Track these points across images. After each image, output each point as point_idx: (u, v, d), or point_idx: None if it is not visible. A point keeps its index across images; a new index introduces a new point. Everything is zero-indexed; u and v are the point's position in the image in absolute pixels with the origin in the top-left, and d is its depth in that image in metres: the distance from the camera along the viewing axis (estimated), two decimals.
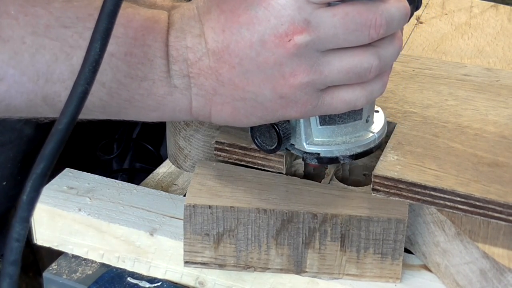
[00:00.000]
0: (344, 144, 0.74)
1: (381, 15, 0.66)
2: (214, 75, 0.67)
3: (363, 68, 0.67)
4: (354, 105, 0.70)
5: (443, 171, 0.74)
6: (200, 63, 0.67)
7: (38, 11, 0.65)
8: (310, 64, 0.66)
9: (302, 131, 0.74)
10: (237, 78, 0.67)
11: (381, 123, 0.77)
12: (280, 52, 0.65)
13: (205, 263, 0.75)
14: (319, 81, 0.67)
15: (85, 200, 0.83)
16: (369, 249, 0.74)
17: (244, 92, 0.68)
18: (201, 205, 0.73)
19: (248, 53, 0.66)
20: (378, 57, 0.67)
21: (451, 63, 0.93)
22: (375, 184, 0.74)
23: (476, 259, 0.70)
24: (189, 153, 0.85)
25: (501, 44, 1.03)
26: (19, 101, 0.66)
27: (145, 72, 0.67)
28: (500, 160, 0.76)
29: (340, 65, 0.67)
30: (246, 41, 0.66)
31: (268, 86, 0.67)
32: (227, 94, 0.68)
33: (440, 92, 0.87)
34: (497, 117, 0.83)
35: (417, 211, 0.75)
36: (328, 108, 0.69)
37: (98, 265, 0.82)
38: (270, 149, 0.75)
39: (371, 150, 0.76)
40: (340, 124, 0.74)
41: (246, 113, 0.69)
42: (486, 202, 0.71)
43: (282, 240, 0.74)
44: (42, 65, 0.65)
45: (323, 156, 0.74)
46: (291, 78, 0.66)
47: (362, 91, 0.69)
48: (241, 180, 0.76)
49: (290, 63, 0.66)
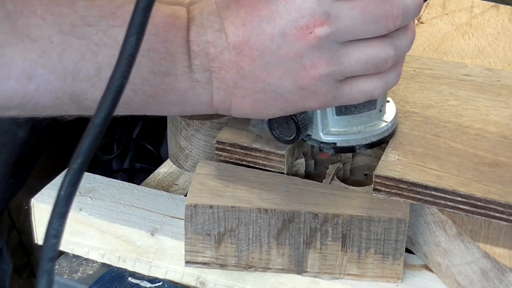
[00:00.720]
0: (360, 133, 0.76)
1: (398, 7, 0.67)
2: (235, 68, 0.69)
3: (381, 59, 0.69)
4: (371, 95, 0.71)
5: (444, 171, 0.74)
6: (221, 57, 0.69)
7: (64, 11, 0.65)
8: (330, 56, 0.68)
9: (319, 121, 0.75)
10: (258, 70, 0.68)
11: (393, 113, 0.79)
12: (301, 45, 0.67)
13: (206, 263, 0.75)
14: (339, 72, 0.69)
15: (86, 200, 0.83)
16: (370, 249, 0.74)
17: (265, 84, 0.69)
18: (202, 205, 0.73)
19: (269, 46, 0.67)
20: (394, 48, 0.69)
21: (452, 63, 0.93)
22: (376, 184, 0.74)
23: (477, 259, 0.70)
24: (190, 153, 0.85)
25: (502, 44, 1.03)
26: (47, 99, 0.67)
27: (168, 67, 0.68)
28: (501, 160, 0.76)
29: (358, 56, 0.68)
30: (267, 34, 0.67)
31: (288, 78, 0.68)
32: (248, 87, 0.70)
33: (441, 92, 0.87)
34: (498, 117, 0.83)
35: (418, 211, 0.75)
36: (347, 98, 0.71)
37: (99, 265, 0.82)
38: (288, 139, 0.76)
39: (385, 139, 0.77)
40: (356, 114, 0.75)
41: (266, 105, 0.71)
42: (487, 202, 0.71)
43: (283, 240, 0.74)
44: (69, 63, 0.66)
45: (339, 146, 0.76)
46: (312, 69, 0.68)
47: (379, 81, 0.71)
48: (242, 180, 0.76)
49: (310, 55, 0.67)
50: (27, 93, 0.66)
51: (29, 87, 0.65)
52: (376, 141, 0.76)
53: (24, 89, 0.65)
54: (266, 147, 0.77)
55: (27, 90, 0.65)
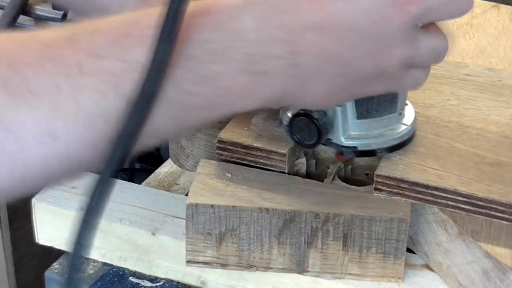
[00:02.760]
0: (381, 137, 0.75)
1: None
2: (319, 50, 0.62)
3: (445, 50, 0.68)
4: (419, 86, 0.69)
5: (445, 170, 0.74)
6: (302, 40, 0.61)
7: (64, 52, 0.57)
8: (412, 39, 0.65)
9: (340, 125, 0.74)
10: (345, 51, 0.62)
11: (412, 116, 0.78)
12: (396, 22, 0.63)
13: (207, 263, 0.75)
14: (413, 57, 0.66)
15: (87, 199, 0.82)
16: (372, 249, 0.73)
17: (347, 67, 0.64)
18: (203, 205, 0.73)
19: (363, 23, 0.62)
20: (447, 41, 0.68)
21: (453, 63, 0.93)
22: (378, 183, 0.74)
23: (479, 259, 0.70)
24: (191, 152, 0.84)
25: (502, 44, 1.03)
26: (87, 153, 0.58)
27: (219, 69, 0.59)
28: (502, 160, 0.76)
29: (431, 44, 0.66)
30: (363, 11, 0.62)
31: (373, 59, 0.64)
32: (329, 70, 0.63)
33: (442, 92, 0.87)
34: (499, 117, 0.83)
35: (420, 210, 0.75)
36: (404, 86, 0.69)
37: (99, 265, 0.82)
38: (309, 144, 0.75)
39: (405, 142, 0.77)
40: (376, 117, 0.75)
41: (341, 90, 0.65)
42: (489, 202, 0.71)
43: (284, 240, 0.74)
44: (92, 107, 0.56)
45: (360, 150, 0.75)
46: (396, 51, 0.64)
47: (428, 73, 0.69)
48: (243, 179, 0.76)
49: (400, 35, 0.63)
50: (61, 155, 0.57)
51: (58, 147, 0.56)
52: (396, 145, 0.76)
53: (52, 151, 0.56)
54: (267, 146, 0.77)
55: (57, 151, 0.56)
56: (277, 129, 0.79)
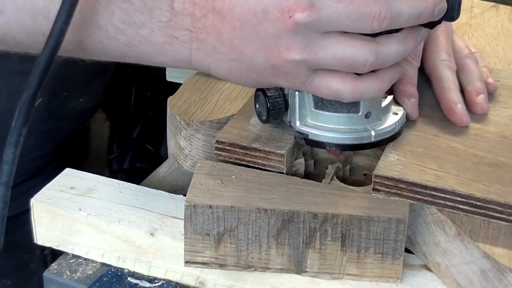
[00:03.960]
0: (334, 132, 0.76)
1: (387, 8, 0.67)
2: (215, 33, 0.71)
3: (357, 61, 0.69)
4: (339, 96, 0.71)
5: (443, 171, 0.74)
6: (204, 20, 0.71)
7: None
8: (306, 44, 0.68)
9: (297, 110, 0.76)
10: (236, 40, 0.70)
11: (390, 125, 0.77)
12: (279, 26, 0.68)
13: (205, 263, 0.75)
14: (312, 61, 0.69)
15: (86, 200, 0.83)
16: (370, 249, 0.73)
17: (241, 55, 0.71)
18: (202, 205, 0.73)
19: (251, 19, 0.69)
20: (375, 54, 0.69)
21: None
22: (376, 184, 0.74)
23: (477, 259, 0.70)
24: (189, 153, 0.85)
25: (501, 44, 1.03)
26: (22, 36, 0.72)
27: (143, 20, 0.71)
28: (501, 160, 0.76)
29: (335, 51, 0.69)
30: (250, 7, 0.68)
31: (262, 54, 0.70)
32: (225, 53, 0.71)
33: None
34: (497, 117, 0.83)
35: (418, 211, 0.75)
36: (315, 89, 0.72)
37: (98, 265, 0.82)
38: (263, 119, 0.78)
39: (362, 145, 0.76)
40: (332, 112, 0.75)
41: (241, 73, 0.73)
42: (487, 202, 0.71)
43: (282, 240, 0.74)
44: (39, 3, 0.70)
45: (310, 139, 0.76)
46: (285, 52, 0.69)
47: (352, 86, 0.71)
48: (242, 179, 0.76)
49: (287, 38, 0.68)
50: (1, 27, 0.71)
51: (0, 20, 0.71)
52: (349, 144, 0.76)
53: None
54: (266, 147, 0.77)
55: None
56: (276, 130, 0.80)
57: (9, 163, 0.66)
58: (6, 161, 0.65)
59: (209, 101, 0.87)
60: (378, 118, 0.77)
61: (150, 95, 1.94)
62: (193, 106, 0.86)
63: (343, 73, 0.70)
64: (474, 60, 0.87)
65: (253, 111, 0.81)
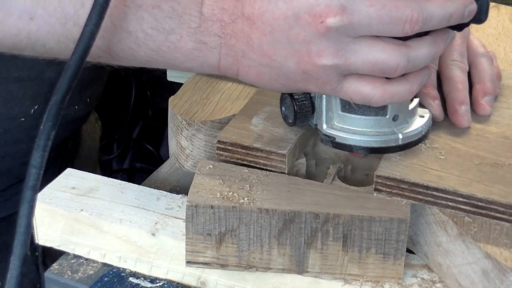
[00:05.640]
0: (362, 135, 0.75)
1: (419, 11, 0.67)
2: (245, 38, 0.71)
3: (389, 66, 0.69)
4: (369, 100, 0.71)
5: (445, 171, 0.74)
6: (233, 25, 0.71)
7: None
8: (337, 48, 0.68)
9: (324, 113, 0.76)
10: (266, 45, 0.70)
11: (417, 128, 0.77)
12: (310, 31, 0.68)
13: (207, 263, 0.75)
14: (343, 66, 0.69)
15: (87, 200, 0.82)
16: (371, 249, 0.73)
17: (271, 60, 0.71)
18: (203, 205, 0.73)
19: (281, 24, 0.68)
20: (407, 58, 0.69)
21: None
22: (377, 184, 0.74)
23: (478, 260, 0.70)
24: (191, 153, 0.84)
25: (502, 44, 1.03)
26: (52, 42, 0.72)
27: (173, 26, 0.71)
28: (502, 161, 0.76)
29: (367, 56, 0.68)
30: (281, 13, 0.68)
31: (293, 60, 0.70)
32: (255, 59, 0.71)
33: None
34: (499, 118, 0.83)
35: (419, 211, 0.75)
36: (345, 94, 0.72)
37: (99, 265, 0.82)
38: (289, 122, 0.77)
39: (389, 149, 0.76)
40: (360, 115, 0.75)
41: (270, 79, 0.72)
42: (489, 203, 0.71)
43: (284, 240, 0.74)
44: (70, 9, 0.70)
45: (338, 142, 0.76)
46: (316, 57, 0.69)
47: (382, 90, 0.70)
48: (243, 180, 0.76)
49: (318, 43, 0.68)
50: (31, 33, 0.71)
51: (31, 27, 0.70)
52: (376, 148, 0.75)
53: (27, 29, 0.70)
54: (267, 146, 0.77)
55: (30, 30, 0.70)
56: (277, 130, 0.79)
57: (37, 167, 0.64)
58: (34, 164, 0.64)
59: (210, 101, 0.87)
60: (405, 121, 0.77)
61: (150, 95, 1.93)
62: (194, 106, 0.86)
63: (373, 77, 0.70)
64: (488, 59, 0.87)
65: (254, 111, 0.81)
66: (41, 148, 0.65)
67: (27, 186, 0.65)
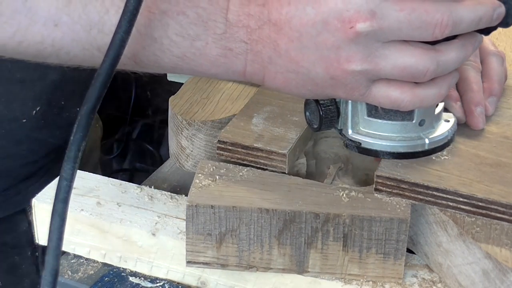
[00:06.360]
0: (388, 140, 0.75)
1: (449, 15, 0.66)
2: (272, 44, 0.70)
3: (418, 70, 0.68)
4: (398, 105, 0.70)
5: (445, 171, 0.74)
6: (260, 31, 0.69)
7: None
8: (367, 54, 0.67)
9: (349, 118, 0.75)
10: (294, 51, 0.69)
11: (443, 132, 0.77)
12: (340, 36, 0.67)
13: (207, 263, 0.75)
14: (373, 72, 0.68)
15: (87, 200, 0.82)
16: (372, 249, 0.73)
17: (298, 66, 0.70)
18: (204, 205, 0.73)
19: (309, 30, 0.68)
20: (436, 62, 0.68)
21: None
22: (378, 184, 0.74)
23: (479, 260, 0.70)
24: (191, 153, 0.84)
25: (503, 44, 1.03)
26: (76, 50, 0.71)
27: (198, 32, 0.70)
28: (503, 161, 0.76)
29: (396, 61, 0.68)
30: (309, 18, 0.67)
31: (321, 65, 0.69)
32: (282, 65, 0.70)
33: None
34: (499, 118, 0.83)
35: (420, 211, 0.75)
36: (373, 99, 0.71)
37: (100, 265, 0.82)
38: (314, 127, 0.76)
39: (415, 154, 0.75)
40: (386, 120, 0.74)
41: (297, 85, 0.72)
42: (489, 203, 0.71)
43: (284, 240, 0.74)
44: (94, 16, 0.69)
45: (363, 147, 0.75)
46: (345, 63, 0.68)
47: (411, 95, 0.70)
48: (244, 179, 0.76)
49: (347, 49, 0.67)
50: (55, 41, 0.70)
51: (55, 34, 0.69)
52: (403, 153, 0.75)
53: (51, 36, 0.69)
54: (268, 146, 0.77)
55: (54, 37, 0.69)
56: (278, 130, 0.79)
57: (68, 179, 0.63)
58: (65, 176, 0.63)
59: (210, 101, 0.87)
60: (431, 125, 0.76)
61: (150, 95, 1.93)
62: (194, 105, 0.86)
63: (402, 82, 0.69)
64: (499, 59, 0.86)
65: (255, 111, 0.81)
66: (72, 159, 0.64)
67: (58, 199, 0.64)
